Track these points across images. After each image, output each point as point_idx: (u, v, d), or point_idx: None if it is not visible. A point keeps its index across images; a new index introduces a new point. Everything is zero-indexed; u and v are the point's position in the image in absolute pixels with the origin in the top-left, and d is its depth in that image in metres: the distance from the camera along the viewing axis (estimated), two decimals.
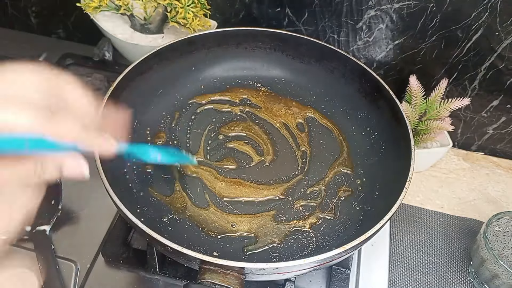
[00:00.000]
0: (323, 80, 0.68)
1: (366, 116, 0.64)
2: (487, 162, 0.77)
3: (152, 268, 0.57)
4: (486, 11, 0.61)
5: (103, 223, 0.62)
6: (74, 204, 0.64)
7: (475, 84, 0.70)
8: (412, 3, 0.64)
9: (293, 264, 0.43)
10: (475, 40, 0.65)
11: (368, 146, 0.62)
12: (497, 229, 0.58)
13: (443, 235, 0.66)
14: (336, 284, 0.57)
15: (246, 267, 0.42)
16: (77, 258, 0.59)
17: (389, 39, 0.70)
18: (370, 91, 0.63)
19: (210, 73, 0.69)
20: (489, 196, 0.72)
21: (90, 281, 0.57)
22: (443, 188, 0.72)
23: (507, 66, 0.66)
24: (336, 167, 0.60)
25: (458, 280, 0.62)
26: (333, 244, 0.52)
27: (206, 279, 0.41)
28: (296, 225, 0.54)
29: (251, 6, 0.73)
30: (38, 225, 0.59)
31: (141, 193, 0.55)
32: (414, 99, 0.66)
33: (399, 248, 0.64)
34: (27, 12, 0.88)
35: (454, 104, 0.64)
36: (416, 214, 0.68)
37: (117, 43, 0.76)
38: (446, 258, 0.64)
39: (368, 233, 0.45)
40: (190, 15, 0.70)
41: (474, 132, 0.76)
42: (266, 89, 0.69)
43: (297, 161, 0.61)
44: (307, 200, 0.57)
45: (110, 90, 0.55)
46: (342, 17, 0.70)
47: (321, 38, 0.73)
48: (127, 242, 0.60)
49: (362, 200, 0.57)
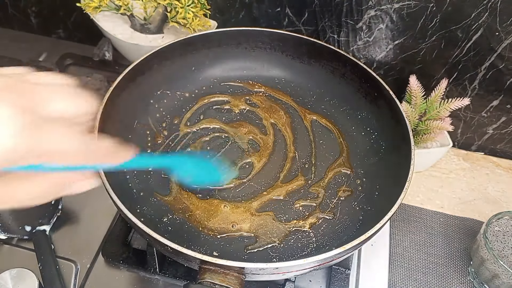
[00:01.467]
0: (323, 80, 0.68)
1: (366, 116, 0.64)
2: (487, 162, 0.77)
3: (152, 268, 0.57)
4: (486, 11, 0.61)
5: (103, 223, 0.62)
6: (74, 204, 0.64)
7: (475, 84, 0.70)
8: (412, 3, 0.64)
9: (293, 264, 0.43)
10: (475, 40, 0.65)
11: (368, 146, 0.62)
12: (497, 229, 0.58)
13: (443, 235, 0.66)
14: (336, 284, 0.57)
15: (246, 267, 0.42)
16: (77, 258, 0.59)
17: (389, 39, 0.70)
18: (370, 91, 0.63)
19: (210, 73, 0.69)
20: (489, 196, 0.72)
21: (90, 281, 0.57)
22: (443, 188, 0.72)
23: (507, 66, 0.66)
24: (336, 167, 0.60)
25: (458, 280, 0.62)
26: (333, 244, 0.52)
27: (206, 279, 0.41)
28: (296, 225, 0.54)
29: (251, 6, 0.73)
30: (38, 225, 0.59)
31: (141, 193, 0.55)
32: (414, 99, 0.66)
33: (399, 248, 0.64)
34: (27, 12, 0.88)
35: (454, 104, 0.64)
36: (416, 214, 0.68)
37: (117, 43, 0.76)
38: (446, 258, 0.64)
39: (368, 233, 0.45)
40: (190, 15, 0.70)
41: (474, 132, 0.76)
42: (266, 89, 0.69)
43: (297, 161, 0.61)
44: (307, 200, 0.57)
45: (110, 90, 0.55)
46: (342, 17, 0.70)
47: (321, 38, 0.73)
48: (127, 242, 0.60)
49: (362, 200, 0.57)
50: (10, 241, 0.60)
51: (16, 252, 0.59)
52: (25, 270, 0.52)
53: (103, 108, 0.53)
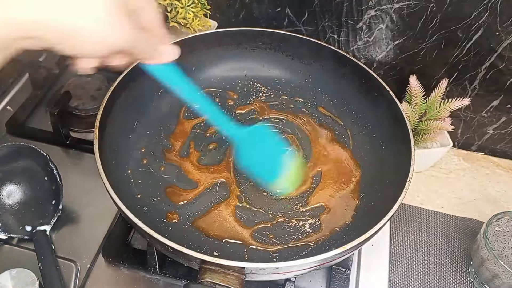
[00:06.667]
0: (323, 80, 0.68)
1: (366, 116, 0.64)
2: (487, 162, 0.77)
3: (152, 268, 0.57)
4: (486, 11, 0.61)
5: (103, 223, 0.62)
6: (74, 204, 0.64)
7: (475, 84, 0.70)
8: (412, 3, 0.64)
9: (293, 264, 0.43)
10: (475, 40, 0.65)
11: (368, 146, 0.62)
12: (497, 229, 0.58)
13: (443, 235, 0.66)
14: (336, 284, 0.57)
15: (246, 267, 0.42)
16: (77, 258, 0.59)
17: (389, 39, 0.70)
18: (370, 91, 0.63)
19: (210, 73, 0.69)
20: (489, 196, 0.72)
21: (90, 281, 0.57)
22: (443, 188, 0.72)
23: (507, 66, 0.66)
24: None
25: (458, 280, 0.62)
26: (333, 244, 0.52)
27: (206, 279, 0.41)
28: (296, 225, 0.54)
29: (251, 6, 0.73)
30: (38, 225, 0.59)
31: (142, 193, 0.55)
32: (414, 99, 0.66)
33: (399, 248, 0.64)
34: None
35: (454, 104, 0.64)
36: (416, 214, 0.68)
37: None
38: (446, 258, 0.64)
39: (368, 233, 0.45)
40: (190, 15, 0.70)
41: (474, 132, 0.76)
42: (266, 89, 0.69)
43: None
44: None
45: (110, 90, 0.55)
46: (342, 17, 0.70)
47: (321, 38, 0.73)
48: (127, 242, 0.60)
49: (362, 200, 0.57)
50: (10, 241, 0.60)
51: (16, 252, 0.59)
52: (25, 270, 0.52)
53: (103, 108, 0.53)
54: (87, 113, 0.73)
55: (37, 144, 0.62)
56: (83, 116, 0.74)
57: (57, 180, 0.61)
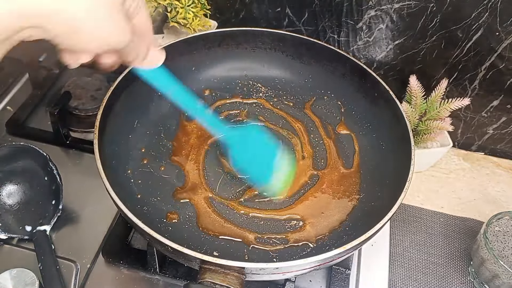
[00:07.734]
0: (323, 80, 0.68)
1: (366, 116, 0.64)
2: (487, 162, 0.77)
3: (152, 268, 0.57)
4: (486, 11, 0.61)
5: (103, 223, 0.62)
6: (74, 204, 0.64)
7: (475, 84, 0.70)
8: (412, 3, 0.64)
9: (293, 264, 0.43)
10: (475, 40, 0.65)
11: (368, 146, 0.62)
12: (497, 229, 0.58)
13: (443, 235, 0.66)
14: (336, 284, 0.57)
15: (246, 267, 0.42)
16: (77, 258, 0.59)
17: (389, 39, 0.70)
18: (370, 91, 0.63)
19: (210, 73, 0.69)
20: (489, 196, 0.72)
21: (90, 281, 0.57)
22: (443, 188, 0.72)
23: (507, 66, 0.66)
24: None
25: (458, 280, 0.62)
26: (333, 244, 0.52)
27: (206, 279, 0.41)
28: (296, 225, 0.54)
29: (251, 6, 0.73)
30: (38, 225, 0.59)
31: (142, 193, 0.55)
32: (414, 99, 0.66)
33: (399, 248, 0.64)
34: None
35: (454, 104, 0.64)
36: (416, 214, 0.68)
37: None
38: (446, 258, 0.64)
39: (368, 233, 0.45)
40: (190, 15, 0.70)
41: (474, 132, 0.76)
42: (266, 89, 0.69)
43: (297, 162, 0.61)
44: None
45: (110, 90, 0.55)
46: (342, 17, 0.70)
47: (321, 38, 0.73)
48: (127, 242, 0.60)
49: (362, 200, 0.57)
50: (10, 241, 0.60)
51: (16, 252, 0.59)
52: (25, 270, 0.52)
53: (103, 108, 0.53)
54: (87, 113, 0.73)
55: (37, 144, 0.62)
56: (83, 116, 0.74)
57: (57, 180, 0.61)
